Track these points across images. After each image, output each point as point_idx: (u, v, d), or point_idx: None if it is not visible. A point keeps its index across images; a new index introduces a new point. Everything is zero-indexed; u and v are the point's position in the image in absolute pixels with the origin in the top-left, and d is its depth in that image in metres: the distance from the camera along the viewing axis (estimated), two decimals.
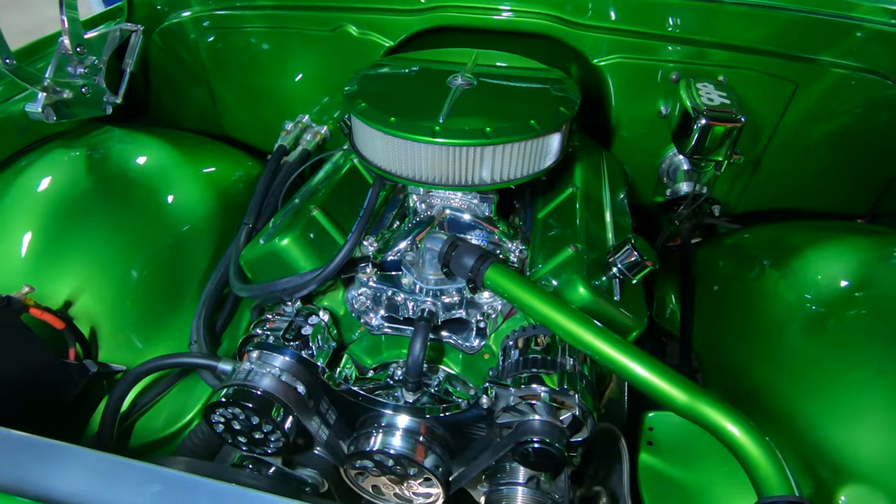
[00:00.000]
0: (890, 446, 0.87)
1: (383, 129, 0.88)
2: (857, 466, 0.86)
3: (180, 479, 0.52)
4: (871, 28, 1.14)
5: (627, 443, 1.09)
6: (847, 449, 0.89)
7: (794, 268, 1.16)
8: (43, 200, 1.18)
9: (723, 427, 0.62)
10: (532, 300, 0.77)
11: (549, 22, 1.27)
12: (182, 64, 1.57)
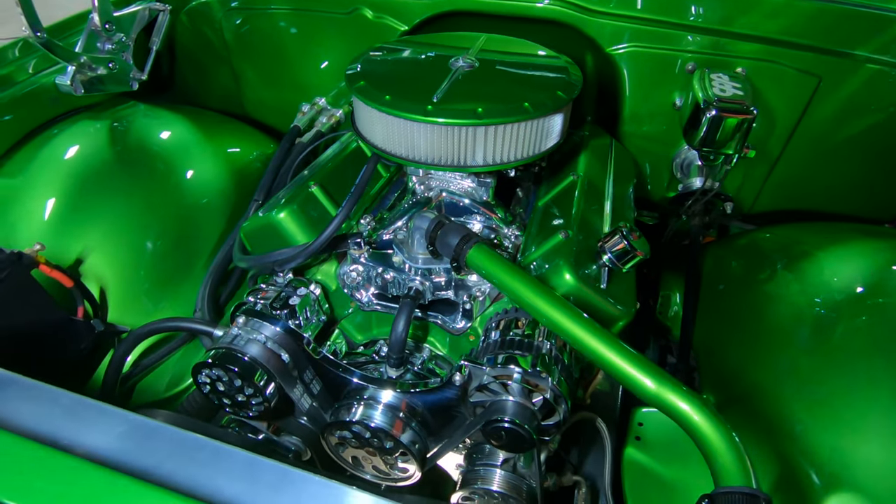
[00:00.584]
0: (884, 457, 0.83)
1: (378, 106, 0.89)
2: (849, 474, 0.83)
3: (143, 423, 0.55)
4: None
5: (618, 437, 1.08)
6: (841, 457, 0.86)
7: (805, 270, 1.11)
8: (67, 168, 1.25)
9: (687, 415, 0.60)
10: (512, 282, 0.77)
11: (562, 8, 1.26)
12: (207, 44, 1.62)
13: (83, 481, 0.46)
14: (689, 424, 0.60)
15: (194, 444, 0.52)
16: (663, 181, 1.45)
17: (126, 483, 0.45)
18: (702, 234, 1.32)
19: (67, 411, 0.55)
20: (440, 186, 1.05)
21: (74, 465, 0.47)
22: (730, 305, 1.21)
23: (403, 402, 0.90)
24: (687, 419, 0.60)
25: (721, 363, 1.13)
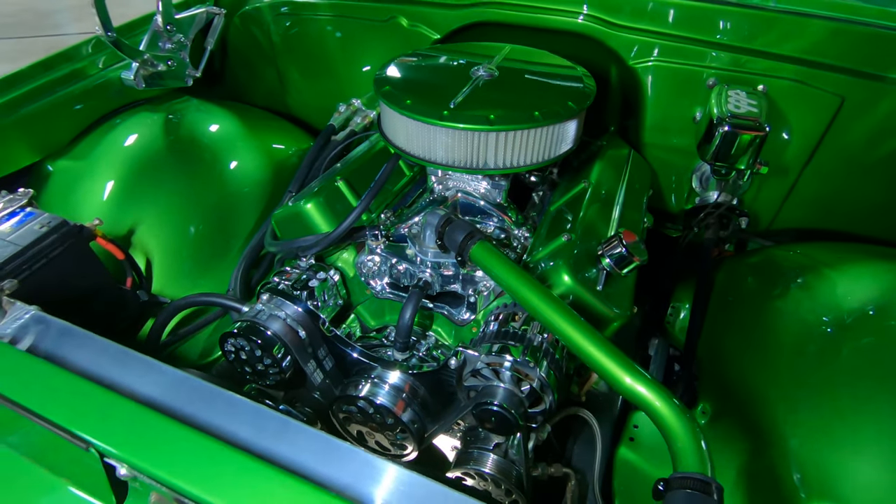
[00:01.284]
0: (872, 477, 0.84)
1: (399, 110, 0.97)
2: (834, 490, 0.84)
3: (171, 373, 0.64)
4: None
5: (613, 437, 1.12)
6: (829, 472, 0.87)
7: (816, 288, 1.12)
8: (126, 154, 1.38)
9: (654, 406, 0.65)
10: (509, 278, 0.83)
11: (586, 22, 1.30)
12: (256, 45, 1.75)
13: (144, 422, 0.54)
14: (655, 414, 0.64)
15: (224, 398, 0.61)
16: (684, 193, 1.47)
17: (178, 428, 0.54)
18: (714, 247, 1.33)
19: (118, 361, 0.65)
20: (457, 187, 1.12)
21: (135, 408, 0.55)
22: (738, 318, 1.22)
23: (407, 384, 0.97)
24: (654, 409, 0.65)
25: (724, 373, 1.14)
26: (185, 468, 0.51)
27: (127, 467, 0.53)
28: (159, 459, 0.52)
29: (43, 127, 1.31)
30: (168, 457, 0.52)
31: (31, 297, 0.75)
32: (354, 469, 0.53)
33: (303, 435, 0.56)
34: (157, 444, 0.53)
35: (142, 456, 0.52)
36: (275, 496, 0.49)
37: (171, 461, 0.52)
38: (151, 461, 0.51)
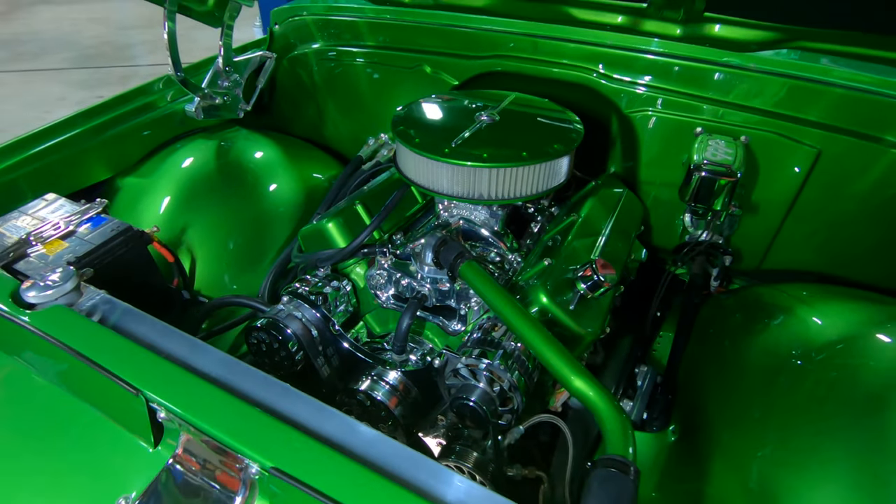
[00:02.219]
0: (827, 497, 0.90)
1: (409, 147, 1.14)
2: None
3: (203, 346, 0.80)
4: None
5: (593, 447, 1.22)
6: (789, 493, 0.94)
7: (789, 325, 1.20)
8: (182, 174, 1.61)
9: (595, 401, 0.76)
10: (489, 292, 0.96)
11: (587, 75, 1.46)
12: (301, 84, 1.99)
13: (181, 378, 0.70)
14: (595, 408, 0.76)
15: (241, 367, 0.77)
16: (677, 231, 1.57)
17: (206, 385, 0.70)
18: (702, 282, 1.43)
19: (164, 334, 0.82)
20: (460, 214, 1.28)
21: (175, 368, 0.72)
22: (717, 349, 1.30)
23: (402, 384, 1.11)
24: (594, 405, 0.76)
25: (699, 399, 1.22)
26: (211, 415, 0.66)
27: (166, 411, 0.68)
28: (191, 407, 0.67)
29: (118, 149, 1.56)
30: (198, 406, 0.68)
31: (101, 285, 0.94)
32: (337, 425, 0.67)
33: (301, 399, 0.71)
34: (190, 395, 0.69)
35: (178, 403, 0.68)
36: (276, 440, 0.63)
37: (201, 410, 0.67)
38: (185, 408, 0.67)
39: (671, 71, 1.35)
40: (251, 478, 0.64)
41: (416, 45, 1.74)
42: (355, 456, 0.63)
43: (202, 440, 0.67)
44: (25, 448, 0.77)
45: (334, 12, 1.86)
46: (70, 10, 7.35)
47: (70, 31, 6.65)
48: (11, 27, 6.82)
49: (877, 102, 1.20)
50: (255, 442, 0.63)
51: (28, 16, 7.29)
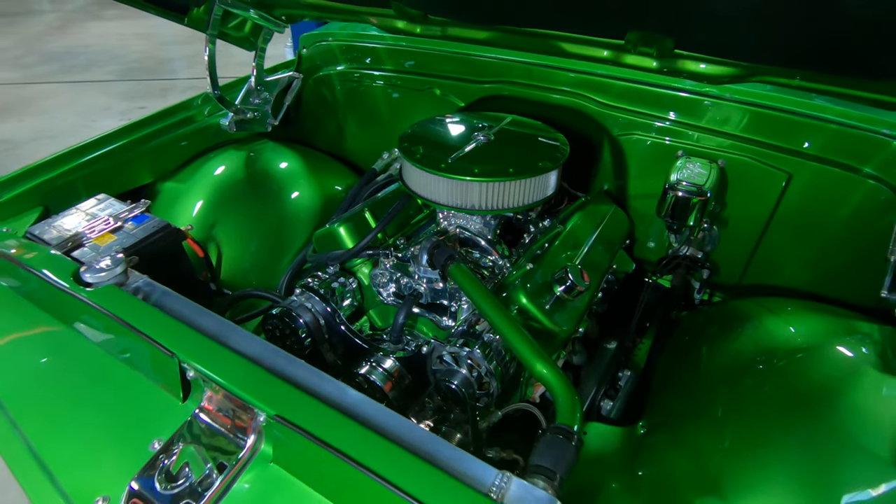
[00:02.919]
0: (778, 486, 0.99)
1: (411, 161, 1.30)
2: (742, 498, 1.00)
3: (226, 322, 0.96)
4: None
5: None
6: (742, 482, 1.04)
7: (758, 333, 1.31)
8: (214, 180, 1.80)
9: (551, 380, 0.89)
10: (471, 289, 1.10)
11: (580, 101, 1.60)
12: (323, 101, 2.17)
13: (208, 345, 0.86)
14: (550, 387, 0.89)
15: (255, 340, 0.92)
16: (663, 245, 1.69)
17: (227, 351, 0.85)
18: (677, 294, 1.53)
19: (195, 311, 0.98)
20: (457, 223, 1.42)
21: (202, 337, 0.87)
22: (691, 354, 1.41)
23: (397, 371, 1.25)
24: (551, 384, 0.89)
25: (669, 398, 1.33)
26: (229, 374, 0.81)
27: (194, 371, 0.84)
28: (214, 367, 0.83)
29: (160, 157, 1.75)
30: (219, 366, 0.83)
31: (142, 271, 1.11)
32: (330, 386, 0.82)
33: (303, 366, 0.86)
34: (213, 358, 0.84)
35: (204, 364, 0.83)
36: (280, 394, 0.78)
37: (221, 369, 0.82)
38: (210, 367, 0.82)
39: (653, 99, 1.48)
40: (259, 425, 0.79)
41: (427, 70, 1.91)
42: (343, 409, 0.77)
43: (222, 395, 0.82)
44: (77, 400, 0.94)
45: (357, 39, 2.05)
46: (118, 26, 7.84)
47: (117, 46, 7.10)
48: (65, 42, 7.32)
49: (838, 132, 1.31)
50: (262, 395, 0.78)
51: (80, 31, 7.80)
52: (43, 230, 1.28)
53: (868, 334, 1.18)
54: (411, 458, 0.71)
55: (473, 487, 0.69)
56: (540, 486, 0.73)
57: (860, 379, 1.09)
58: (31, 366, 0.99)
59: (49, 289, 1.02)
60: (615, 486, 1.14)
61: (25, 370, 0.99)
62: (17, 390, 0.95)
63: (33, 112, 5.11)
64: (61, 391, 0.95)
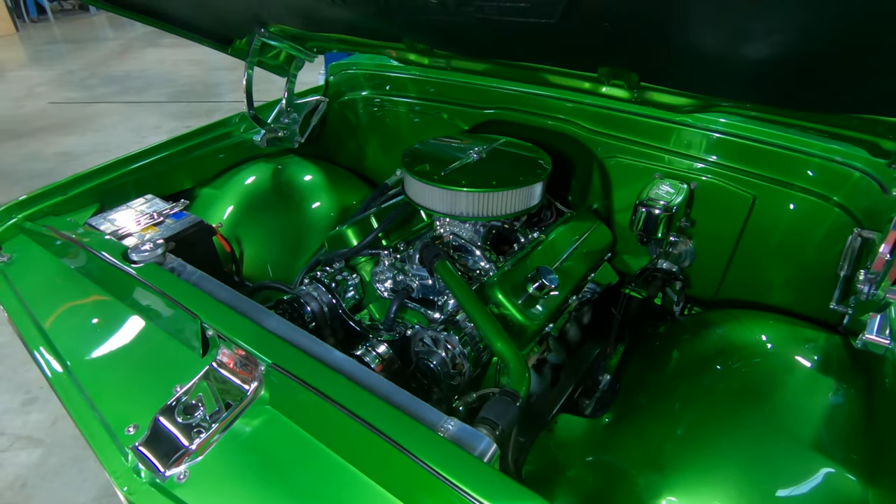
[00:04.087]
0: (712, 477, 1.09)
1: (410, 173, 1.49)
2: (692, 486, 1.10)
3: (242, 296, 1.16)
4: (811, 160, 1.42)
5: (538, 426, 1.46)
6: (679, 463, 1.15)
7: (722, 339, 1.42)
8: (244, 189, 2.04)
9: (507, 355, 1.04)
10: (453, 283, 1.27)
11: (571, 127, 1.78)
12: (346, 122, 2.42)
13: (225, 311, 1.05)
14: (506, 360, 1.04)
15: (265, 311, 1.11)
16: (644, 261, 1.82)
17: (241, 317, 1.04)
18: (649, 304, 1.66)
19: (218, 287, 1.18)
20: (451, 230, 1.60)
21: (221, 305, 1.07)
22: (663, 359, 1.52)
23: (388, 355, 1.42)
24: (506, 357, 1.04)
25: (635, 395, 1.45)
26: (238, 332, 1.00)
27: (213, 330, 1.03)
28: (227, 327, 1.02)
29: (200, 166, 2.01)
30: (231, 327, 1.02)
31: (179, 255, 1.32)
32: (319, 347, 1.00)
33: (298, 330, 1.04)
34: (227, 320, 1.03)
35: (220, 324, 1.02)
36: (277, 348, 0.96)
37: (233, 329, 1.01)
38: (224, 328, 1.02)
39: (628, 125, 1.64)
40: (261, 374, 0.97)
41: (437, 97, 2.13)
42: (328, 363, 0.95)
43: (233, 350, 1.01)
44: (118, 354, 1.14)
45: (379, 69, 2.30)
46: (173, 53, 8.50)
47: (171, 71, 7.70)
48: (125, 66, 7.98)
49: (793, 158, 1.44)
50: (263, 348, 0.97)
51: (139, 56, 8.49)
52: (99, 221, 1.52)
53: (815, 341, 1.29)
54: (380, 402, 0.87)
55: (426, 426, 0.85)
56: (482, 431, 0.88)
57: (800, 379, 1.20)
58: (84, 327, 1.21)
59: (102, 265, 1.25)
60: (571, 473, 1.26)
61: (79, 330, 1.21)
62: (72, 344, 1.16)
63: (93, 128, 5.61)
64: (106, 346, 1.16)
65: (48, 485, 1.99)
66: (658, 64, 1.24)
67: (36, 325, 1.22)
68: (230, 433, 0.94)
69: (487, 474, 0.78)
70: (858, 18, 0.79)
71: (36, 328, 1.21)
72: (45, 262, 1.43)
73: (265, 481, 0.87)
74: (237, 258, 1.78)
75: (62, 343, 1.16)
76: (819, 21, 0.82)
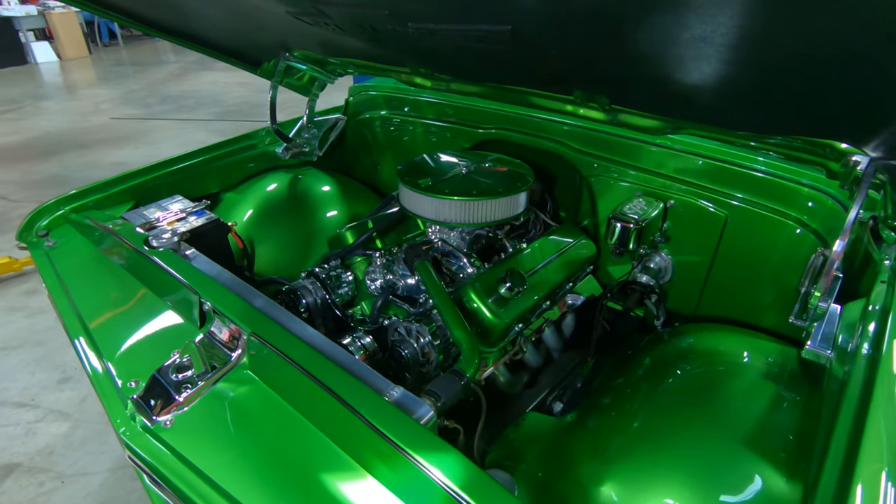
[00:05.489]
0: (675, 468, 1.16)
1: (402, 183, 1.64)
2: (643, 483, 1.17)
3: (240, 281, 1.32)
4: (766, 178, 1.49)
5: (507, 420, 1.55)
6: (626, 455, 1.22)
7: (689, 348, 1.49)
8: (265, 194, 2.24)
9: (462, 337, 1.16)
10: (428, 281, 1.40)
11: (562, 147, 1.90)
12: (363, 140, 2.61)
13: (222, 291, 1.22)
14: (461, 345, 1.15)
15: (257, 294, 1.28)
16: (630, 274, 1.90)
17: (237, 296, 1.21)
18: (626, 315, 1.73)
19: (220, 272, 1.36)
20: (439, 236, 1.74)
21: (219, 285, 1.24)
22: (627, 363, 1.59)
23: (372, 348, 1.55)
24: (461, 343, 1.16)
25: (601, 397, 1.52)
26: (228, 306, 1.16)
27: (210, 304, 1.20)
28: (219, 302, 1.18)
29: (226, 173, 2.23)
30: (223, 302, 1.18)
31: (194, 246, 1.51)
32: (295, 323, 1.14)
33: (279, 308, 1.19)
34: (220, 296, 1.20)
35: (214, 299, 1.19)
36: (258, 320, 1.11)
37: (223, 304, 1.18)
38: (217, 302, 1.18)
39: (607, 146, 1.76)
40: (244, 343, 1.12)
41: (444, 118, 2.30)
42: (300, 336, 1.09)
43: (225, 322, 1.17)
44: (128, 320, 1.32)
45: (395, 91, 2.50)
46: (225, 76, 9.12)
47: (221, 92, 8.26)
48: (180, 87, 8.62)
49: (761, 180, 1.52)
50: (247, 319, 1.12)
51: (194, 78, 9.15)
52: (132, 216, 1.74)
53: (770, 352, 1.35)
54: (337, 369, 1.01)
55: (375, 390, 0.97)
56: (425, 401, 1.00)
57: (745, 384, 1.26)
58: (105, 298, 1.40)
59: (128, 250, 1.44)
60: (523, 465, 1.34)
61: (101, 300, 1.40)
62: (92, 311, 1.35)
63: (146, 142, 6.10)
64: (120, 314, 1.35)
65: (72, 454, 2.19)
66: (617, 87, 1.36)
67: (68, 299, 1.42)
68: (213, 391, 1.09)
69: (421, 434, 0.90)
70: (778, 59, 0.89)
71: (68, 301, 1.41)
72: (84, 248, 1.65)
73: (235, 432, 1.01)
74: (249, 254, 1.97)
75: (87, 311, 1.35)
76: (738, 58, 0.93)
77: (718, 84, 1.08)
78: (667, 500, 1.08)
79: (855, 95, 0.90)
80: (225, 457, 0.97)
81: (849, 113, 0.97)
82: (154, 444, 1.00)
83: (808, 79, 0.93)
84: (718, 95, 1.13)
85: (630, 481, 1.13)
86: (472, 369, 1.10)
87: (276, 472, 0.93)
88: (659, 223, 1.65)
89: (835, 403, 0.95)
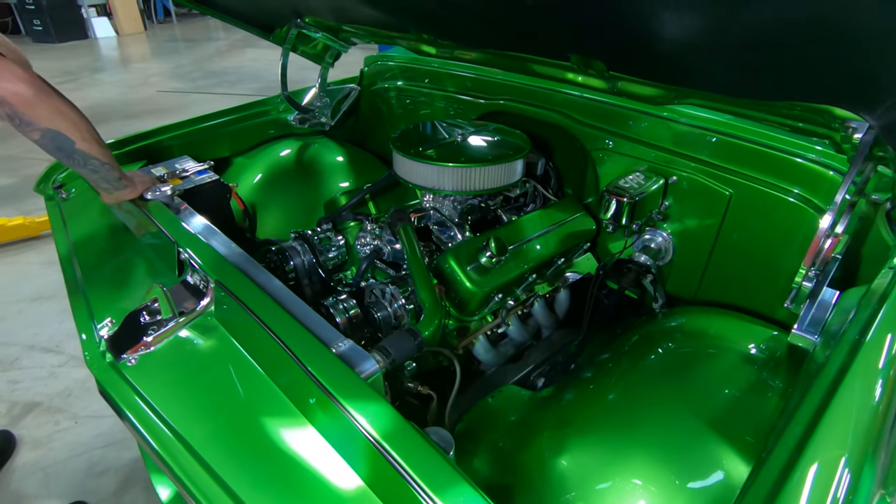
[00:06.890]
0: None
1: (394, 148, 1.63)
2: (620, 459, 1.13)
3: (228, 241, 1.35)
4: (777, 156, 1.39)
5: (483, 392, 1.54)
6: (592, 425, 1.18)
7: (680, 327, 1.43)
8: (275, 160, 2.27)
9: (428, 301, 1.14)
10: (407, 245, 1.39)
11: (565, 119, 1.83)
12: (376, 110, 2.61)
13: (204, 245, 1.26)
14: (424, 307, 1.14)
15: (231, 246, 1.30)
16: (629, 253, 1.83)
17: (215, 252, 1.24)
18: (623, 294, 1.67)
19: (210, 230, 1.39)
20: (433, 205, 1.72)
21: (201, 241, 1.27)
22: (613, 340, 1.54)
23: (354, 311, 1.56)
24: (425, 304, 1.15)
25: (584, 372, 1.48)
26: (202, 255, 1.19)
27: (187, 253, 1.23)
28: (195, 250, 1.21)
29: (238, 138, 2.28)
30: (197, 250, 1.21)
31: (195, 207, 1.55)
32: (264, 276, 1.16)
33: (252, 262, 1.21)
34: (196, 246, 1.23)
35: (191, 248, 1.22)
36: (225, 271, 1.14)
37: (198, 252, 1.21)
38: (193, 250, 1.21)
39: (608, 116, 1.68)
40: (211, 289, 1.15)
41: (455, 89, 2.26)
42: (264, 288, 1.11)
43: (198, 269, 1.20)
44: (116, 265, 1.38)
45: (411, 62, 2.47)
46: (267, 53, 9.31)
47: (262, 69, 8.44)
48: (224, 63, 8.86)
49: (768, 155, 1.41)
50: (214, 269, 1.15)
51: (238, 56, 9.38)
52: None
53: (760, 336, 1.27)
54: (290, 320, 1.02)
55: (322, 342, 0.98)
56: (375, 356, 1.00)
57: (724, 366, 1.20)
58: (99, 245, 1.47)
59: (126, 202, 1.50)
60: (491, 434, 1.32)
61: (95, 247, 1.47)
62: (85, 254, 1.42)
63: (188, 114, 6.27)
64: (108, 258, 1.41)
65: (88, 397, 2.34)
66: (615, 51, 1.29)
67: (68, 242, 1.49)
68: (178, 336, 1.12)
69: (358, 386, 0.90)
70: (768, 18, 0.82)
71: (67, 244, 1.49)
72: (92, 202, 1.73)
73: (191, 374, 1.04)
74: (251, 216, 2.01)
75: (81, 254, 1.41)
76: (727, 14, 0.86)
77: (707, 44, 1.01)
78: (624, 475, 1.04)
79: (841, 60, 0.82)
80: (178, 396, 1.00)
81: (838, 75, 0.89)
82: (118, 380, 1.05)
83: (795, 39, 0.85)
84: (710, 57, 1.06)
85: (589, 455, 1.10)
86: (431, 329, 1.08)
87: (221, 415, 0.96)
88: (658, 199, 1.57)
89: (805, 387, 0.88)
